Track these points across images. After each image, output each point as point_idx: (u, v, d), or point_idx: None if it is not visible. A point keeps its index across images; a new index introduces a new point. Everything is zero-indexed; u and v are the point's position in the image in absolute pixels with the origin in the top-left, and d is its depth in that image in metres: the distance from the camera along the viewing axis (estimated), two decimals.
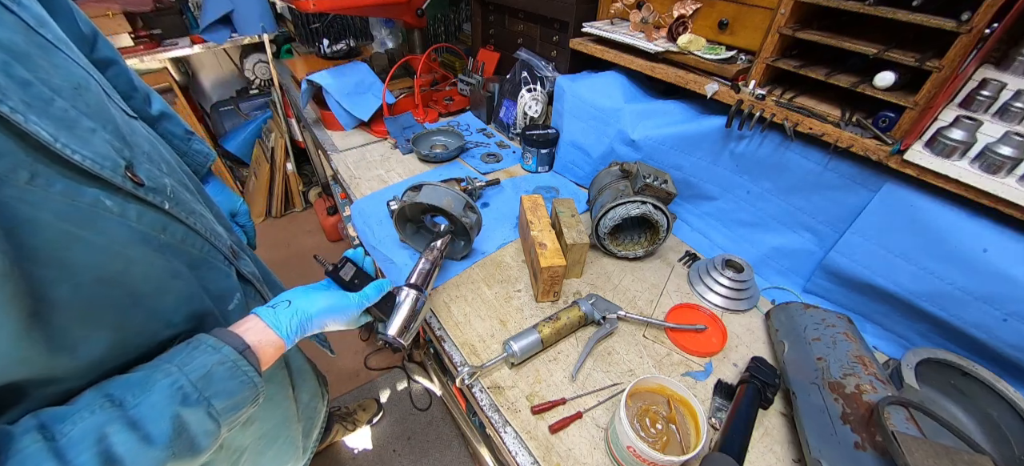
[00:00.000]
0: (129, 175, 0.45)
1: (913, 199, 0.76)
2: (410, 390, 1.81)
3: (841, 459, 0.59)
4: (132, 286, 0.44)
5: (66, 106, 0.40)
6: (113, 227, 0.42)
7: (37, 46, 0.41)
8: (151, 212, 0.47)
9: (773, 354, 0.84)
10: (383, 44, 2.05)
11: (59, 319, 0.38)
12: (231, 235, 0.68)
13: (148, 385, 0.43)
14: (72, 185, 0.39)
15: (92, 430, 0.38)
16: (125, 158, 0.45)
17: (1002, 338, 0.70)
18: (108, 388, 0.42)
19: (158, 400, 0.43)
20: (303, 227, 2.66)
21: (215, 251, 0.58)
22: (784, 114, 0.85)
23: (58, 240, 0.37)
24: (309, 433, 0.90)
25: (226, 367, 0.48)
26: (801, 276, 0.98)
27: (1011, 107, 0.67)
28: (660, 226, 0.96)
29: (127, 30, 1.92)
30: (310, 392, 0.89)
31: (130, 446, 0.39)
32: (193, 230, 0.53)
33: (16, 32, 0.39)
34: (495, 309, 0.91)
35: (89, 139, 0.41)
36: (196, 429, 0.45)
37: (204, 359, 0.47)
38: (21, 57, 0.38)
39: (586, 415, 0.73)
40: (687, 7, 1.00)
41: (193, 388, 0.45)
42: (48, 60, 0.41)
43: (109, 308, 0.42)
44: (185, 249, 0.52)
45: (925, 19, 0.65)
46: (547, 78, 1.35)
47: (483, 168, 1.35)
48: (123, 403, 0.41)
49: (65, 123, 0.39)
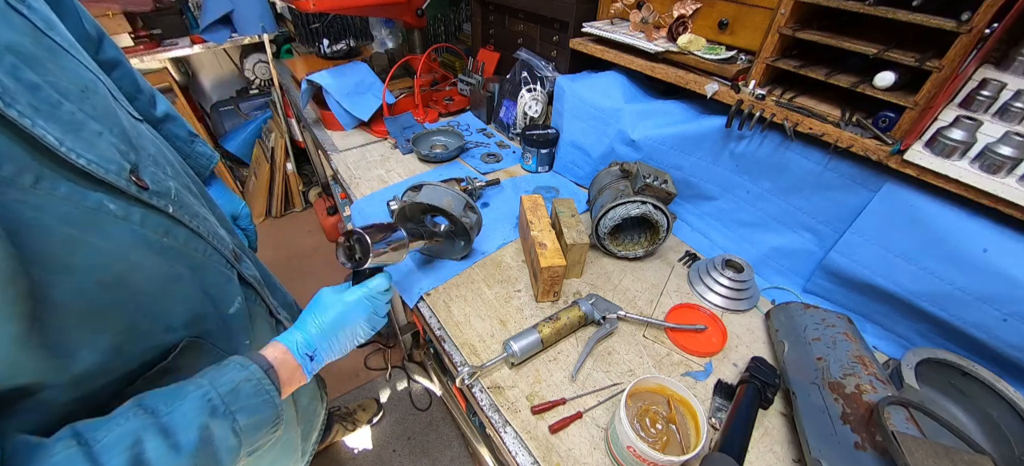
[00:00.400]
0: (133, 179, 0.45)
1: (913, 199, 0.76)
2: (410, 390, 1.81)
3: (841, 459, 0.59)
4: (133, 289, 0.44)
5: (73, 109, 0.40)
6: (116, 230, 0.42)
7: (45, 49, 0.41)
8: (154, 215, 0.47)
9: (773, 354, 0.84)
10: (383, 44, 2.05)
11: (59, 322, 0.38)
12: (233, 238, 0.68)
13: (180, 394, 0.44)
14: (77, 188, 0.39)
15: (127, 435, 0.39)
16: (130, 161, 0.45)
17: (1002, 338, 0.70)
18: (143, 399, 0.43)
19: (189, 409, 0.43)
20: (303, 227, 2.66)
21: (217, 254, 0.58)
22: (784, 114, 0.85)
23: (61, 243, 0.37)
24: (308, 435, 0.90)
25: (252, 384, 0.49)
26: (801, 276, 0.98)
27: (1011, 107, 0.67)
28: (660, 226, 0.96)
29: (127, 30, 1.92)
30: (309, 395, 0.89)
31: (160, 453, 0.40)
32: (196, 233, 0.54)
33: (24, 35, 0.39)
34: (495, 309, 0.91)
35: (95, 143, 0.41)
36: (220, 443, 0.45)
37: (232, 375, 0.48)
38: (29, 60, 0.38)
39: (586, 415, 0.73)
40: (687, 7, 1.00)
41: (221, 401, 0.46)
42: (56, 63, 0.42)
43: (110, 311, 0.42)
44: (187, 252, 0.52)
45: (925, 19, 0.65)
46: (547, 78, 1.35)
47: (483, 168, 1.35)
48: (156, 411, 0.41)
49: (72, 126, 0.39)
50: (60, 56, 0.43)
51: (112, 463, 0.37)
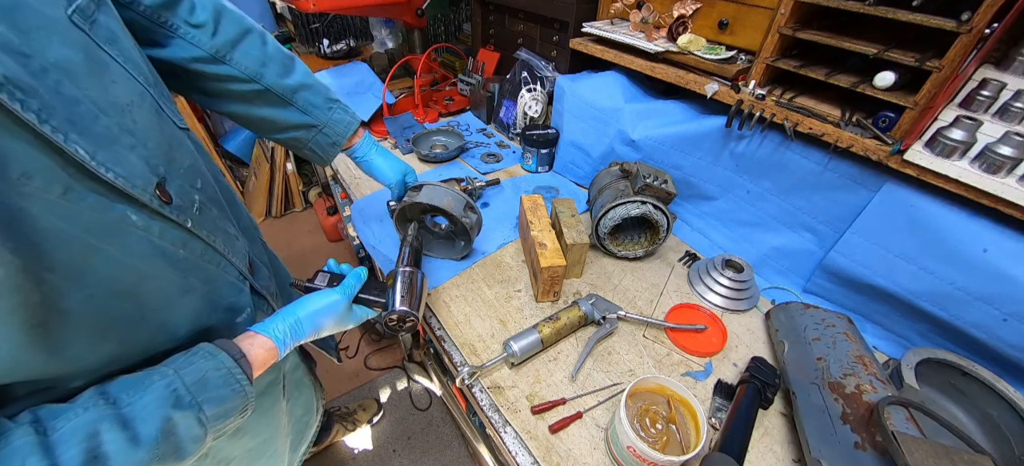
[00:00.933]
0: (158, 193, 0.45)
1: (913, 199, 0.76)
2: (410, 390, 1.81)
3: (841, 459, 0.59)
4: (143, 299, 0.45)
5: (110, 123, 0.41)
6: (134, 241, 0.43)
7: (96, 62, 0.42)
8: (172, 229, 0.47)
9: (773, 354, 0.84)
10: (383, 44, 2.05)
11: (66, 330, 0.38)
12: (252, 247, 0.68)
13: (144, 385, 0.44)
14: (102, 200, 0.40)
15: (83, 426, 0.38)
16: (159, 175, 0.46)
17: (1002, 338, 0.70)
18: (106, 387, 0.42)
19: (151, 401, 0.43)
20: (303, 227, 2.66)
21: (231, 267, 0.58)
22: (784, 114, 0.85)
23: (80, 252, 0.38)
24: (297, 447, 0.88)
25: (221, 374, 0.49)
26: (801, 276, 0.98)
27: (1011, 107, 0.67)
28: (660, 226, 0.96)
29: None
30: (304, 407, 0.87)
31: (118, 445, 0.39)
32: (211, 247, 0.54)
33: (77, 51, 0.40)
34: (495, 309, 0.91)
35: (126, 157, 0.42)
36: (184, 433, 0.45)
37: (200, 364, 0.48)
38: (75, 75, 0.39)
39: (586, 415, 0.73)
40: (687, 7, 1.00)
41: (186, 391, 0.45)
42: (105, 77, 0.42)
43: (117, 321, 0.43)
44: (202, 265, 0.52)
45: (925, 19, 0.65)
46: (547, 78, 1.35)
47: (483, 168, 1.35)
48: (117, 401, 0.41)
49: (106, 140, 0.40)
50: (110, 69, 0.43)
51: (67, 455, 0.37)
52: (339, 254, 2.43)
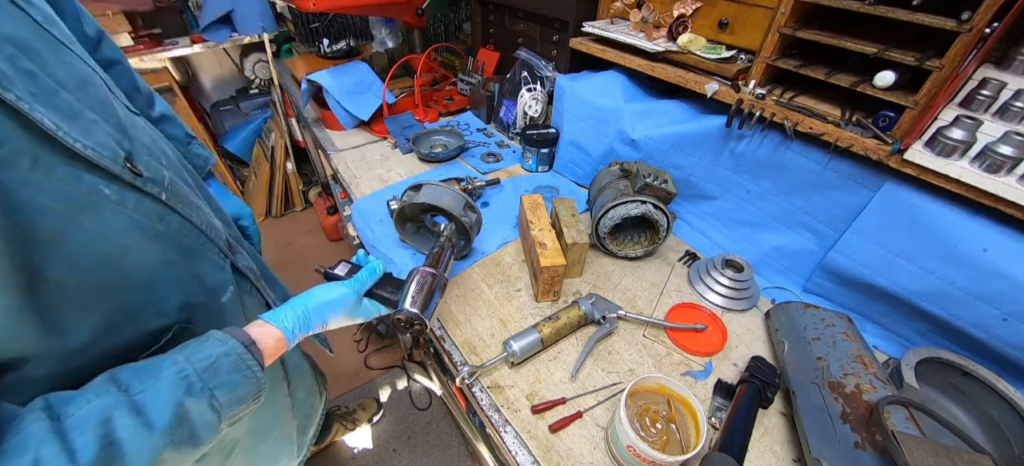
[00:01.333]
0: (128, 165, 0.46)
1: (913, 199, 0.75)
2: (410, 389, 1.81)
3: (841, 458, 0.59)
4: (126, 271, 0.45)
5: (70, 99, 0.42)
6: (110, 214, 0.43)
7: (44, 42, 0.42)
8: (148, 202, 0.48)
9: (773, 354, 0.84)
10: (383, 44, 2.05)
11: (53, 298, 0.39)
12: (229, 229, 0.69)
13: (155, 372, 0.44)
14: (72, 171, 0.40)
15: (97, 412, 0.39)
16: (125, 149, 0.46)
17: (1002, 338, 0.70)
18: (116, 374, 0.43)
19: (163, 387, 0.43)
20: (303, 227, 2.66)
21: (210, 243, 0.59)
22: (784, 114, 0.85)
23: (56, 223, 0.38)
24: (305, 430, 0.90)
25: (231, 360, 0.49)
26: (801, 276, 0.98)
27: (1011, 107, 0.67)
28: (660, 226, 0.96)
29: (127, 29, 1.91)
30: (306, 389, 0.89)
31: (132, 431, 0.40)
32: (188, 221, 0.55)
33: (24, 28, 0.40)
34: (495, 309, 0.91)
35: (91, 130, 0.42)
36: (197, 419, 0.45)
37: (211, 350, 0.48)
38: (27, 51, 0.39)
39: (586, 415, 0.73)
40: (687, 6, 1.00)
41: (198, 378, 0.46)
42: (55, 56, 0.43)
43: (103, 291, 0.44)
44: (180, 239, 0.53)
45: (925, 19, 0.65)
46: (547, 78, 1.35)
47: (483, 168, 1.35)
48: (129, 388, 0.42)
49: (68, 114, 0.40)
50: (59, 50, 0.44)
51: (82, 439, 0.37)
52: (339, 254, 2.43)
